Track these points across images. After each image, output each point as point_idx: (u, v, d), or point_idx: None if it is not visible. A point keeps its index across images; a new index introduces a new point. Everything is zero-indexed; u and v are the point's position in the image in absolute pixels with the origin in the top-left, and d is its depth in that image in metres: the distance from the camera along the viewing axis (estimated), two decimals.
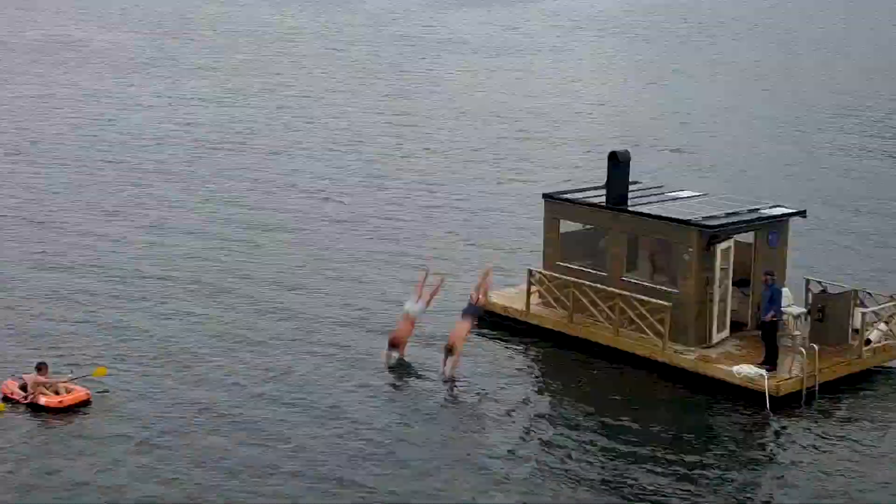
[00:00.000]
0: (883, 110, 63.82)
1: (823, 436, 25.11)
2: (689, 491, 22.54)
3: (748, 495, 22.62)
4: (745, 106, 64.18)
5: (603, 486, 22.72)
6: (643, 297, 28.51)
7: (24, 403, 24.98)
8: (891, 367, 28.67)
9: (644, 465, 23.47)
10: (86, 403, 25.00)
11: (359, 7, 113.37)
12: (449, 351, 27.37)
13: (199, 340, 29.35)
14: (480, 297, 28.54)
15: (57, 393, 25.03)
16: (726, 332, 28.86)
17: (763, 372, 26.27)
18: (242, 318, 30.99)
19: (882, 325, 28.78)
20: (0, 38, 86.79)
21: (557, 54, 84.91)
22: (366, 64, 77.80)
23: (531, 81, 72.21)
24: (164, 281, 34.05)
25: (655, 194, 31.41)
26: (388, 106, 62.85)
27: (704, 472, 23.35)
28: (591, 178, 40.06)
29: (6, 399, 25.44)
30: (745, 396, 26.26)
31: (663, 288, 28.78)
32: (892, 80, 73.94)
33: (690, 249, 28.22)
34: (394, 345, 28.12)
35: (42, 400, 24.70)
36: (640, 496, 22.33)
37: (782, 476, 23.53)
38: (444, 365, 27.34)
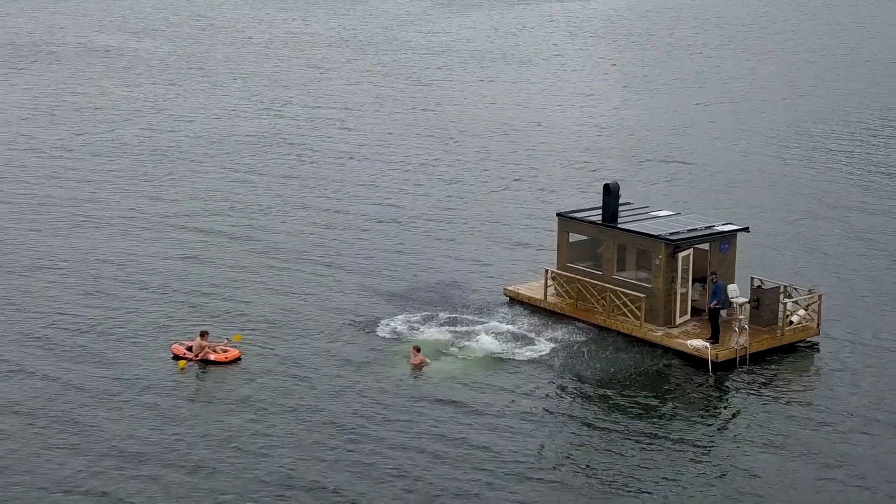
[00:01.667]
0: (840, 124, 74.32)
1: (748, 391, 35.93)
2: (648, 423, 33.43)
3: (691, 428, 33.43)
4: (715, 121, 74.79)
5: (587, 420, 33.69)
6: (626, 290, 39.43)
7: (196, 360, 36.13)
8: (808, 342, 39.38)
9: (619, 408, 34.39)
10: (238, 360, 36.23)
11: (365, 10, 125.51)
12: None
13: (326, 311, 40.62)
14: None
15: (216, 352, 36.20)
16: (687, 316, 39.71)
17: (707, 344, 37.16)
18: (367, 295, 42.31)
19: (801, 312, 39.50)
20: (45, 45, 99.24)
21: (555, 65, 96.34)
22: (381, 74, 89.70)
23: (532, 93, 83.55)
24: (283, 265, 45.72)
25: (640, 214, 42.22)
26: (408, 118, 74.22)
27: (661, 414, 34.22)
28: (588, 184, 50.98)
29: (176, 357, 36.59)
30: (695, 362, 37.16)
31: (641, 283, 39.67)
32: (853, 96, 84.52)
33: (660, 256, 39.08)
34: None
35: (212, 356, 35.87)
36: (614, 429, 33.23)
37: (715, 416, 34.45)
38: None
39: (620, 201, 42.12)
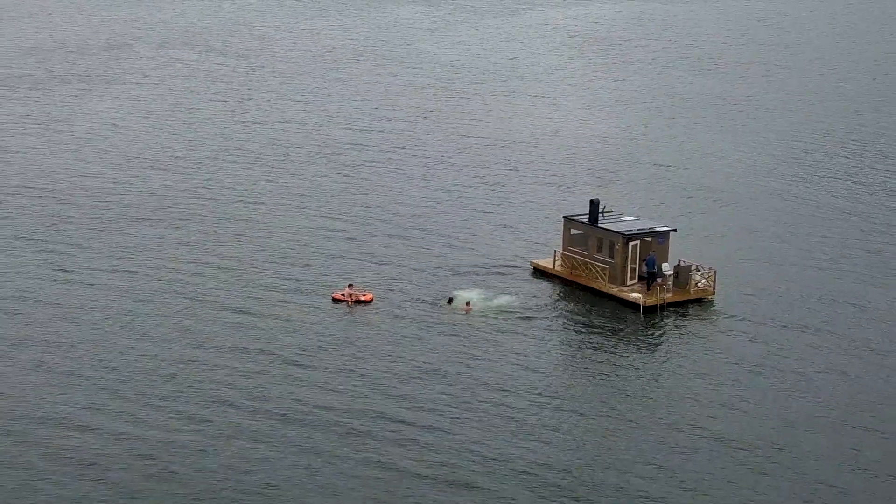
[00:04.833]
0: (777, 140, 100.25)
1: (663, 323, 62.73)
2: (600, 339, 60.34)
3: (625, 345, 60.24)
4: (693, 137, 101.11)
5: (568, 339, 60.93)
6: (599, 264, 66.45)
7: (351, 302, 63.40)
8: (706, 299, 65.87)
9: (587, 331, 61.39)
10: (372, 301, 63.82)
11: (381, 18, 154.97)
12: None
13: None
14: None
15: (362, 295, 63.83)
16: (635, 281, 66.56)
17: (641, 296, 64.12)
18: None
19: (703, 280, 66.22)
20: (118, 57, 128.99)
21: (559, 78, 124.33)
22: (418, 88, 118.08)
23: (540, 107, 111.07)
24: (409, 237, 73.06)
25: (613, 217, 69.03)
26: (450, 132, 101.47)
27: (607, 333, 61.11)
28: (585, 193, 78.08)
29: (336, 300, 63.95)
30: (633, 307, 64.01)
31: (608, 259, 66.60)
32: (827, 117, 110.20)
33: (619, 244, 66.01)
34: None
35: (362, 298, 63.29)
36: (583, 342, 60.32)
37: (641, 338, 61.31)
38: None
39: (606, 209, 68.99)
